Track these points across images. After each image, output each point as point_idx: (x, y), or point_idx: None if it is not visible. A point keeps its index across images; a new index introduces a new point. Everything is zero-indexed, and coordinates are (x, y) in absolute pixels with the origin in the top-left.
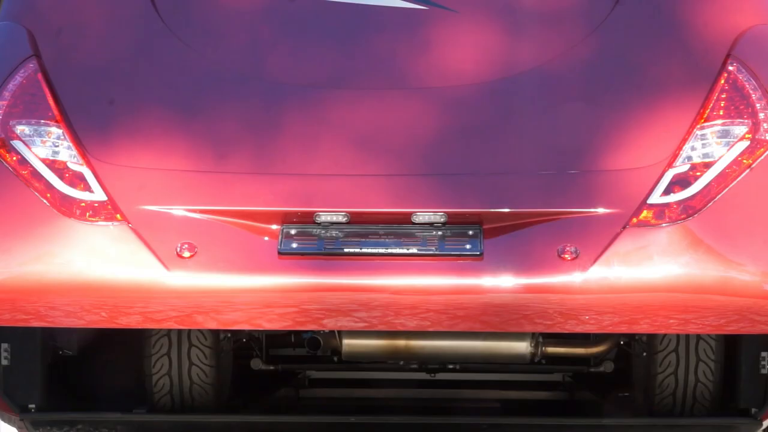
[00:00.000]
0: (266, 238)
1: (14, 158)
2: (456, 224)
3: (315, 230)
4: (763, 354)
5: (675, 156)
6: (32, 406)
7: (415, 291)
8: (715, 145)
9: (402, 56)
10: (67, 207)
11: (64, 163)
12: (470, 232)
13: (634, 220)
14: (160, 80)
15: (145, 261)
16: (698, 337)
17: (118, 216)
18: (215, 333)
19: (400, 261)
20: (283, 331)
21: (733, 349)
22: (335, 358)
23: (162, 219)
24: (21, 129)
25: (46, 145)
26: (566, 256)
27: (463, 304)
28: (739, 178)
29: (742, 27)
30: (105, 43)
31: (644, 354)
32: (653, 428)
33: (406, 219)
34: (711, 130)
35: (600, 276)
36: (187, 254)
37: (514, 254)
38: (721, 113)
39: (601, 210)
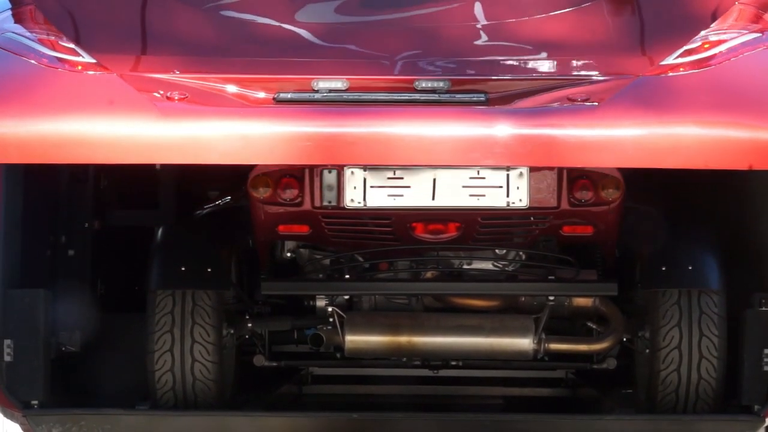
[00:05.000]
0: (262, 94)
1: (8, 45)
2: (460, 92)
3: (313, 95)
4: (766, 351)
5: (687, 41)
6: (35, 402)
7: (418, 132)
8: (727, 33)
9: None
10: (59, 65)
11: (56, 41)
12: (475, 97)
13: (647, 74)
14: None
15: (137, 100)
16: (701, 333)
17: (109, 71)
18: (218, 330)
19: (402, 107)
20: (287, 328)
21: (735, 346)
22: (338, 355)
23: (153, 78)
24: (16, 29)
25: (38, 32)
26: (576, 98)
27: (468, 139)
28: (751, 53)
29: None
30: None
31: (647, 351)
32: (656, 425)
33: (408, 87)
34: (722, 28)
35: (608, 112)
36: (177, 97)
37: (522, 99)
38: (732, 22)
39: (612, 76)
